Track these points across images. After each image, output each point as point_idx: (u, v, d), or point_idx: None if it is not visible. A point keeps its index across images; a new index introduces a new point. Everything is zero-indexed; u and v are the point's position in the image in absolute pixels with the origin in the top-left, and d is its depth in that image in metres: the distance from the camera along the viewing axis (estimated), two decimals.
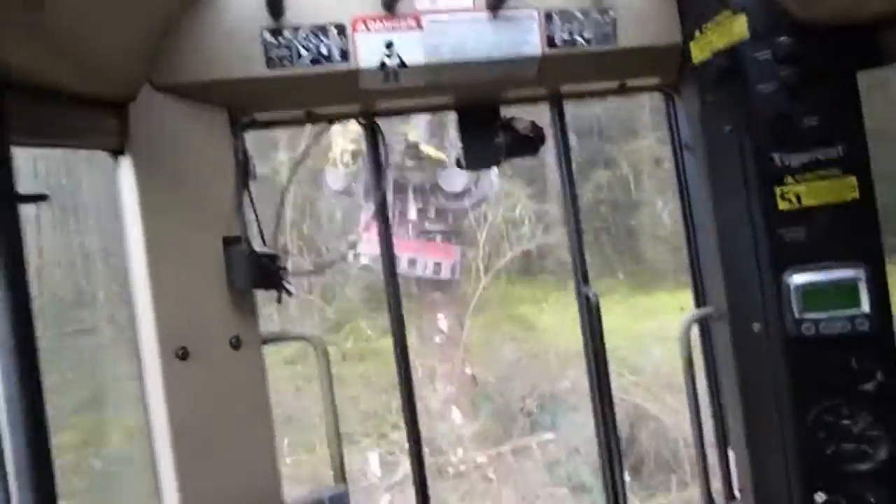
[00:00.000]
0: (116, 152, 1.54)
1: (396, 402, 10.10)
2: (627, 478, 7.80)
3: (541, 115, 2.08)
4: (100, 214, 2.27)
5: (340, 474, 1.74)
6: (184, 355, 1.54)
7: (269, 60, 1.59)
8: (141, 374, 1.58)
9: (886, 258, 1.57)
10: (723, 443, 2.01)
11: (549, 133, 2.10)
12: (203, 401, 1.57)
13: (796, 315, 1.58)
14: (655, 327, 9.93)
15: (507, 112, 2.03)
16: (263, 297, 1.75)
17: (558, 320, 12.27)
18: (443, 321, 9.27)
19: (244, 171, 1.71)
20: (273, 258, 1.66)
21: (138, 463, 1.72)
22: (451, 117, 2.00)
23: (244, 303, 1.67)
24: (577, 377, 10.07)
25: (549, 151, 2.14)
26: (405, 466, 8.28)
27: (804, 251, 1.58)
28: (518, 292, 11.34)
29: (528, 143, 2.00)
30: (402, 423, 9.29)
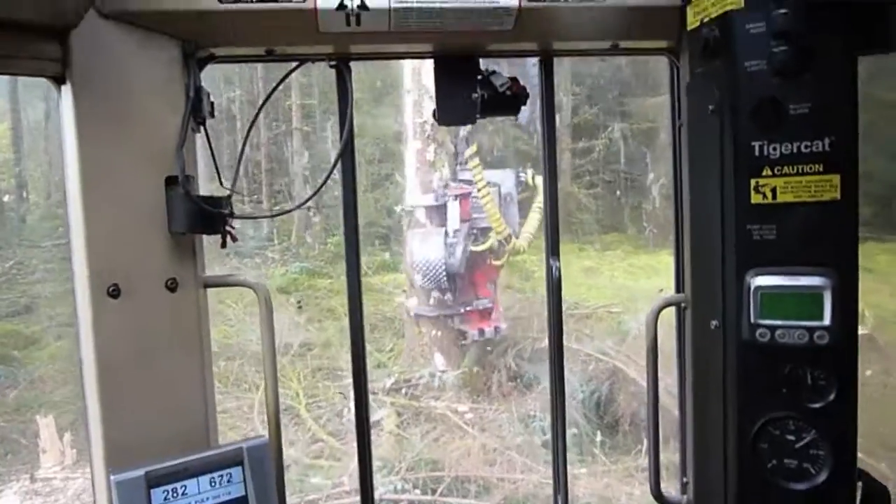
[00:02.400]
0: (59, 80, 1.47)
1: (385, 339, 10.21)
2: (599, 437, 7.97)
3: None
4: None
5: (275, 424, 1.72)
6: (115, 293, 1.50)
7: None
8: (75, 309, 1.55)
9: None
10: (682, 431, 1.96)
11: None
12: (133, 340, 1.54)
13: (752, 319, 1.48)
14: (651, 288, 9.89)
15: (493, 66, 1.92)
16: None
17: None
18: None
19: (196, 109, 1.62)
20: (216, 202, 1.59)
21: None
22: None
23: (183, 246, 1.61)
24: (569, 331, 10.12)
25: None
26: (386, 409, 8.42)
27: (772, 252, 1.47)
28: None
29: (507, 101, 1.90)
30: (388, 363, 9.42)
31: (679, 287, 1.98)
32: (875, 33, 1.47)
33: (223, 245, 1.65)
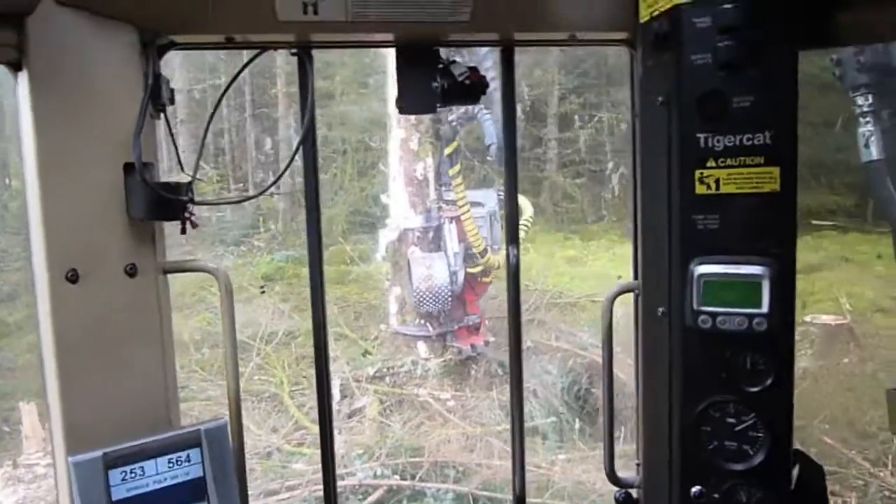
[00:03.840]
0: (16, 67, 1.49)
1: (370, 327, 10.25)
2: (578, 425, 8.06)
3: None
4: None
5: (235, 407, 1.75)
6: (73, 278, 1.52)
7: None
8: (34, 294, 1.57)
9: None
10: (637, 416, 2.01)
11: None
12: (92, 325, 1.56)
13: (695, 306, 1.53)
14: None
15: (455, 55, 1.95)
16: None
17: (540, 262, 12.36)
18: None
19: (155, 96, 1.64)
20: (175, 188, 1.62)
21: None
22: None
23: (142, 231, 1.63)
24: (552, 320, 10.21)
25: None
26: (369, 397, 8.48)
27: (714, 241, 1.51)
28: None
29: (467, 90, 1.93)
30: (371, 351, 9.46)
31: (636, 274, 2.02)
32: (817, 29, 1.51)
33: (182, 231, 1.68)
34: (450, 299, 8.75)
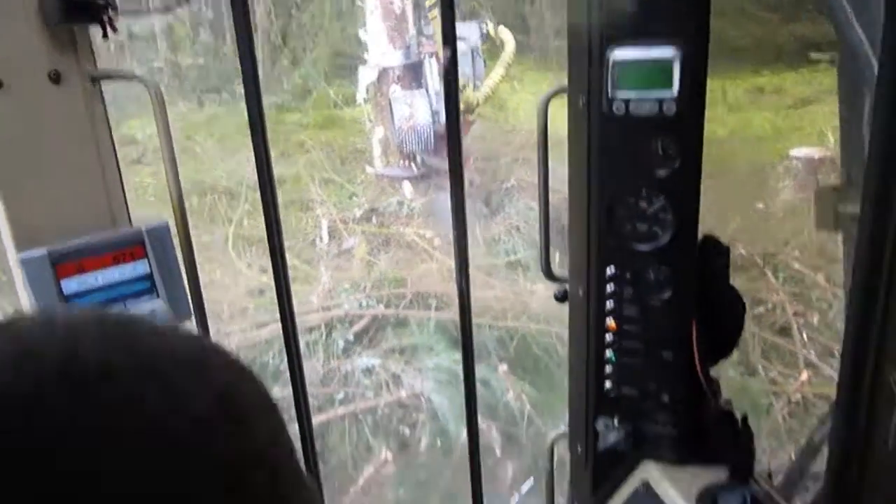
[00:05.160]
0: None
1: (356, 171, 10.26)
2: (557, 258, 8.31)
3: None
4: None
5: (179, 209, 1.81)
6: None
7: None
8: None
9: None
10: None
11: None
12: (24, 131, 1.59)
13: (610, 93, 1.55)
14: None
15: None
16: None
17: (528, 101, 12.14)
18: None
19: None
20: None
21: None
22: None
23: (62, 37, 1.62)
24: (531, 157, 10.21)
25: None
26: (357, 237, 8.69)
27: (629, 26, 1.50)
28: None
29: None
30: (359, 193, 9.54)
31: None
32: None
33: (104, 35, 1.66)
34: (433, 138, 8.69)
